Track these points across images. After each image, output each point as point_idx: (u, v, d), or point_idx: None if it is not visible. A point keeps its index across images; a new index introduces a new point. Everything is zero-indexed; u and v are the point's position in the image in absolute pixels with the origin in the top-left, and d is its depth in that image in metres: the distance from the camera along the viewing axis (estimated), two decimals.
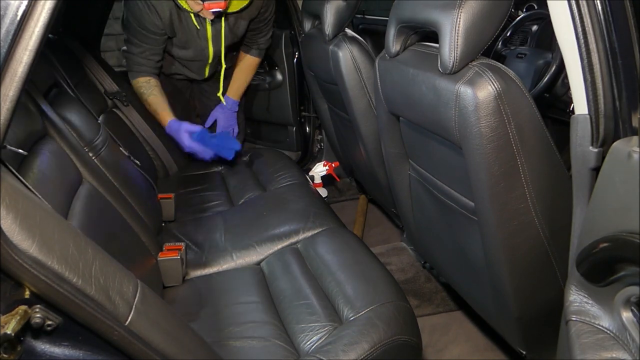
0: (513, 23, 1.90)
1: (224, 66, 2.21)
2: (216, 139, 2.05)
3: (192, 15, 1.98)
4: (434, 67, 1.08)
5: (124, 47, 2.11)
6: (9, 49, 0.71)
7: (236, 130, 2.43)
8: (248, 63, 2.34)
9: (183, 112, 2.32)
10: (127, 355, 0.81)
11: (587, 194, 0.90)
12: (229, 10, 2.00)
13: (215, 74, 2.36)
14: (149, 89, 2.10)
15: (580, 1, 0.86)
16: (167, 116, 2.08)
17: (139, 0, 1.93)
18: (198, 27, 2.04)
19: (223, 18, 2.03)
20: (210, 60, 2.20)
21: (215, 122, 2.38)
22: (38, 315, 0.72)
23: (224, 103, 2.33)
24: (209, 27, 2.05)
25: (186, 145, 2.03)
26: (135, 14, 1.96)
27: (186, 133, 2.02)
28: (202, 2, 1.83)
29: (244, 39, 2.27)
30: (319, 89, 2.17)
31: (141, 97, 2.11)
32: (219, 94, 2.30)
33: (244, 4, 2.01)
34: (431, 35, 1.15)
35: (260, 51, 2.34)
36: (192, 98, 2.52)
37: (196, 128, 2.04)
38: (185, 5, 1.93)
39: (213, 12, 1.89)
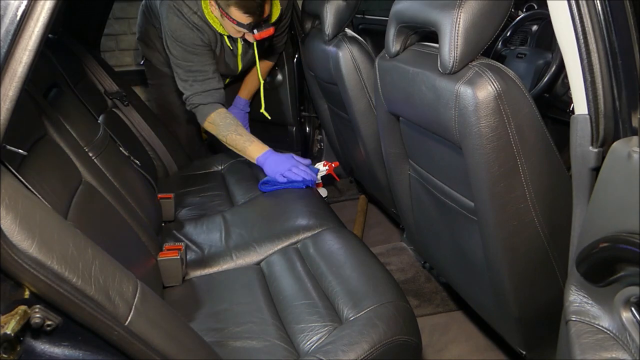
0: (513, 23, 1.90)
1: (262, 81, 2.13)
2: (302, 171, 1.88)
3: (225, 36, 1.94)
4: (434, 67, 1.08)
5: (183, 85, 1.91)
6: (9, 49, 0.71)
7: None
8: (262, 66, 2.29)
9: None
10: (127, 355, 0.81)
11: (587, 194, 0.90)
12: None
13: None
14: (234, 118, 1.92)
15: (580, 1, 0.86)
16: (262, 146, 1.89)
17: (181, 23, 1.82)
18: (231, 48, 2.01)
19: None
20: (237, 73, 2.18)
21: None
22: (38, 315, 0.72)
23: (268, 117, 2.20)
24: (239, 46, 2.02)
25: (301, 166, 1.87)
26: (185, 38, 1.84)
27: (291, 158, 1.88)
28: (252, 33, 1.75)
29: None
30: (319, 89, 2.17)
31: (227, 129, 1.88)
32: (262, 110, 2.15)
33: (276, 19, 1.96)
34: (431, 35, 1.15)
35: (275, 55, 2.34)
36: None
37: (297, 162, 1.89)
38: (220, 30, 1.88)
39: (259, 40, 1.82)
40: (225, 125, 1.88)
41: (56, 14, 0.75)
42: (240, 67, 2.13)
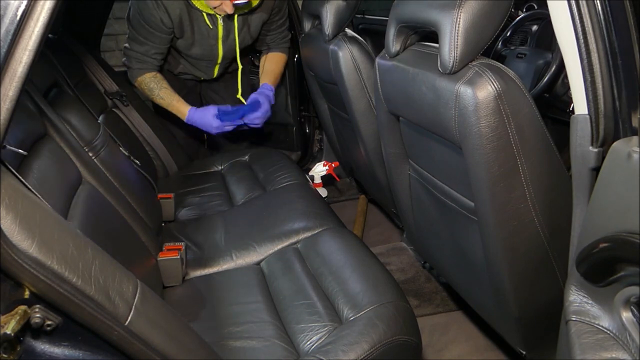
0: (513, 23, 1.90)
1: (240, 66, 2.15)
2: (241, 110, 2.04)
3: (204, 14, 1.95)
4: (434, 67, 1.08)
5: (126, 44, 2.05)
6: (9, 49, 0.71)
7: (269, 113, 2.30)
8: (276, 56, 2.29)
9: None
10: (126, 355, 0.81)
11: (587, 194, 0.90)
12: (253, 3, 1.94)
13: (225, 74, 2.33)
14: (158, 82, 2.04)
15: (580, 1, 0.86)
16: (184, 106, 2.04)
17: (150, 4, 1.88)
18: (210, 27, 2.00)
19: (235, 17, 1.98)
20: (219, 60, 2.17)
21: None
22: (38, 315, 0.72)
23: (244, 102, 2.22)
24: (220, 27, 2.01)
25: (215, 127, 2.01)
26: (143, 11, 1.91)
27: (212, 115, 2.00)
28: None
29: (258, 42, 2.24)
30: (319, 89, 2.17)
31: (151, 92, 2.05)
32: (239, 96, 2.21)
33: (257, 2, 1.97)
34: (431, 35, 1.15)
35: (284, 48, 2.31)
36: (203, 98, 2.48)
37: (216, 108, 2.02)
38: (198, 5, 1.89)
39: (236, 4, 1.81)
40: (150, 89, 2.05)
41: (56, 14, 0.75)
42: (220, 52, 2.11)
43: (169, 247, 1.48)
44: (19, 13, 0.71)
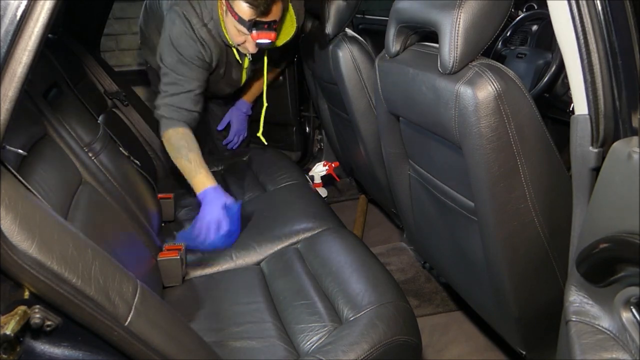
0: (513, 23, 1.90)
1: (265, 79, 2.04)
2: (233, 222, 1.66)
3: (234, 49, 1.87)
4: (434, 67, 1.08)
5: (161, 92, 1.80)
6: (9, 49, 0.71)
7: (245, 135, 2.39)
8: (269, 75, 2.20)
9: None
10: (126, 356, 0.81)
11: (587, 194, 0.90)
12: (277, 44, 1.82)
13: None
14: (190, 143, 1.74)
15: (580, 1, 0.86)
16: (207, 180, 1.70)
17: (186, 33, 1.75)
18: (240, 61, 1.94)
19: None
20: (242, 84, 2.12)
21: (228, 124, 2.37)
22: (37, 315, 0.72)
23: (265, 143, 2.15)
24: (246, 59, 1.96)
25: (218, 226, 1.61)
26: (183, 51, 1.75)
27: (223, 208, 1.66)
28: (247, 33, 1.66)
29: None
30: (319, 89, 2.17)
31: (177, 151, 1.72)
32: (259, 134, 2.11)
33: (289, 38, 1.87)
34: (431, 35, 1.15)
35: (281, 63, 2.32)
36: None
37: (232, 202, 1.68)
38: (230, 41, 1.80)
39: (259, 44, 1.68)
40: (178, 148, 1.73)
41: (56, 14, 0.75)
42: (243, 80, 2.08)
43: (169, 247, 1.49)
44: (19, 13, 0.71)
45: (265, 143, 2.14)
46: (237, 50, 1.86)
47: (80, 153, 1.35)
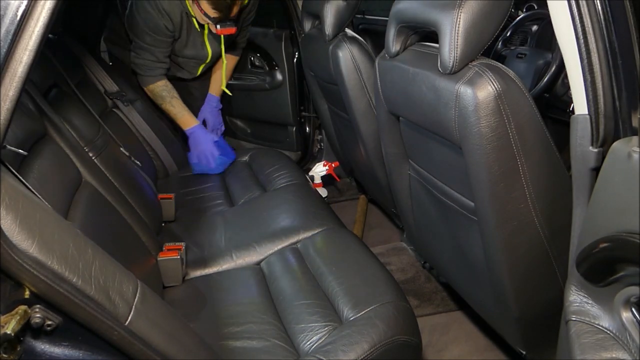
0: (513, 23, 1.90)
1: (224, 62, 2.29)
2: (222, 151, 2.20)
3: (194, 19, 2.05)
4: (434, 67, 1.08)
5: (133, 54, 2.14)
6: (9, 49, 0.71)
7: (222, 128, 2.49)
8: (230, 62, 2.40)
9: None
10: (127, 355, 0.81)
11: (587, 194, 0.90)
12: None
13: (200, 75, 2.40)
14: (170, 91, 2.17)
15: (580, 1, 0.86)
16: (191, 120, 2.20)
17: (148, 6, 1.97)
18: (199, 30, 2.12)
19: None
20: (208, 60, 2.26)
21: (204, 121, 2.43)
22: (38, 315, 0.72)
23: (229, 93, 2.42)
24: (206, 30, 2.12)
25: (211, 153, 2.16)
26: (147, 21, 2.00)
27: (212, 141, 2.17)
28: (215, 27, 1.92)
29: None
30: (319, 89, 2.17)
31: (162, 100, 2.17)
32: (223, 87, 2.38)
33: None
34: (431, 35, 1.15)
35: (239, 50, 2.40)
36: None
37: (216, 137, 2.20)
38: (192, 11, 2.00)
39: (221, 32, 1.96)
40: (162, 96, 2.17)
41: (56, 14, 0.75)
42: (209, 53, 2.21)
43: (169, 247, 1.48)
44: (19, 13, 0.71)
45: (230, 94, 2.43)
46: (197, 21, 2.07)
47: (80, 153, 1.35)
